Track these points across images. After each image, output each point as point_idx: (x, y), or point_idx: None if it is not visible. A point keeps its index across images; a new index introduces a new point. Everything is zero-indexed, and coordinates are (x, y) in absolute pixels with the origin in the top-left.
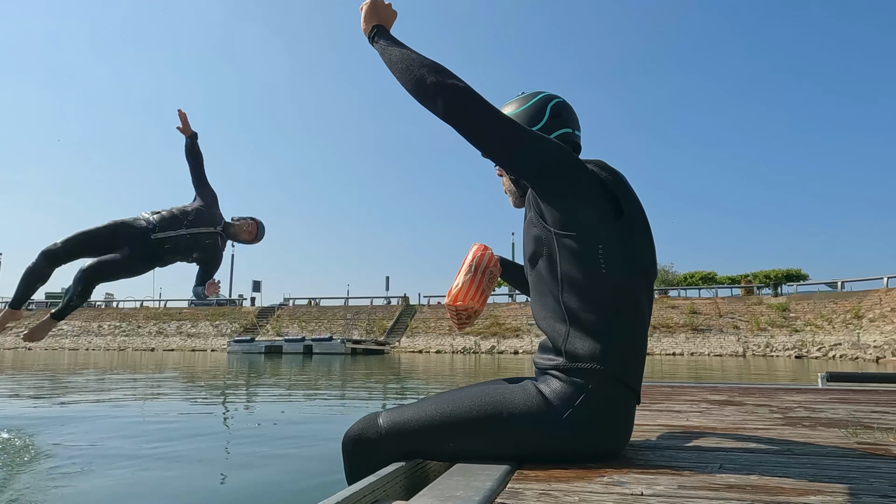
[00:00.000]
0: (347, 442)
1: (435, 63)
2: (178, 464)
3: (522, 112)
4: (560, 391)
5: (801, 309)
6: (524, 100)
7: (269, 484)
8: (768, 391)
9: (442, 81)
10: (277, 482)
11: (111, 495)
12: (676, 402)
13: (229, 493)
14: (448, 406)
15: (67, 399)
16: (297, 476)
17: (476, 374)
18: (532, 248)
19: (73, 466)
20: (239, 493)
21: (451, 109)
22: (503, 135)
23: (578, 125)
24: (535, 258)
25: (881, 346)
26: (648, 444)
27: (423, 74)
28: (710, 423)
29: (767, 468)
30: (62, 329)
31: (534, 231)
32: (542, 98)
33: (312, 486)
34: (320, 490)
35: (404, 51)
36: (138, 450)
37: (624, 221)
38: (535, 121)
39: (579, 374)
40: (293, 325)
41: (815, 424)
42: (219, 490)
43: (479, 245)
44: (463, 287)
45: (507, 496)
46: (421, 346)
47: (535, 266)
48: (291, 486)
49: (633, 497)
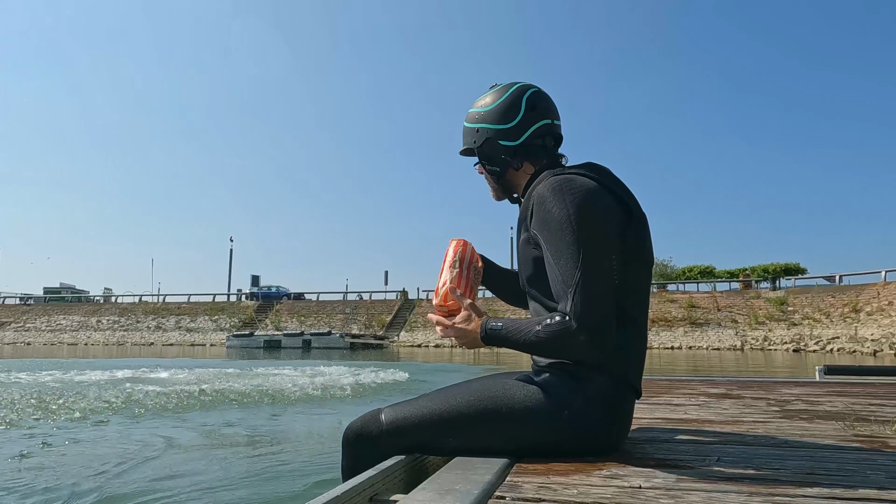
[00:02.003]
0: (349, 436)
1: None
2: (177, 462)
3: (497, 106)
4: (559, 386)
5: (799, 303)
6: (498, 93)
7: (269, 478)
8: (766, 384)
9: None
10: (277, 477)
11: (111, 494)
12: (675, 396)
13: (228, 490)
14: (448, 401)
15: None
16: (295, 471)
17: (475, 369)
18: (531, 269)
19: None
20: (239, 486)
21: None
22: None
23: (557, 114)
24: (535, 280)
25: (878, 339)
26: (647, 438)
27: (555, 349)
28: (708, 416)
29: (765, 461)
30: (60, 324)
31: (533, 253)
32: (517, 89)
33: (311, 483)
34: (319, 486)
35: (517, 340)
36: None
37: (632, 225)
38: (511, 115)
39: (579, 370)
40: (292, 320)
41: (813, 417)
42: (218, 487)
43: (458, 240)
44: (451, 284)
45: (506, 490)
46: (420, 341)
47: (534, 285)
48: (290, 484)
49: (632, 490)
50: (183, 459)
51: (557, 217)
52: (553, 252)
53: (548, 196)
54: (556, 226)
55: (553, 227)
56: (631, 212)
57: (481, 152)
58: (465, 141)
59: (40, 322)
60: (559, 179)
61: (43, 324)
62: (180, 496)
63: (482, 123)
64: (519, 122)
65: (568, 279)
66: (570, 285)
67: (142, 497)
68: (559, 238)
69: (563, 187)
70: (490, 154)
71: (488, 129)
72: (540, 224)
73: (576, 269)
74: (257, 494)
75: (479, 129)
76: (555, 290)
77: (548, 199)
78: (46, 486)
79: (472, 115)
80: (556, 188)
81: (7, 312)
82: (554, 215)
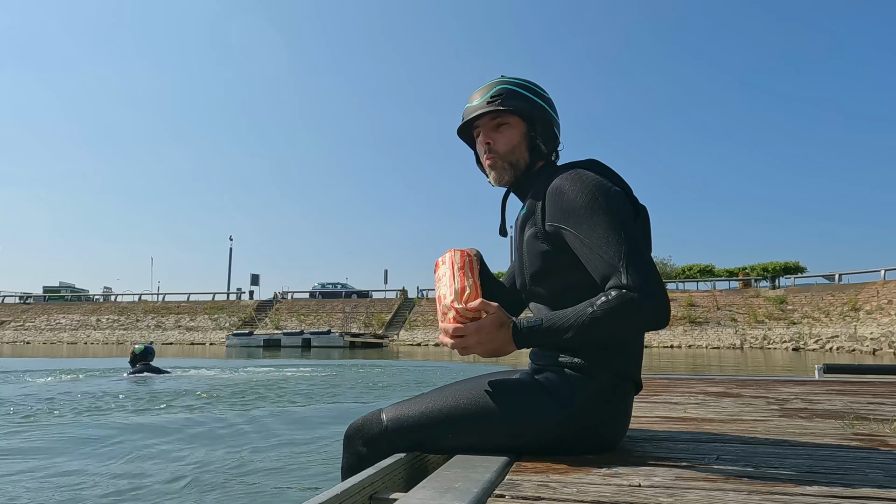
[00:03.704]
0: (350, 434)
1: (602, 315)
2: (175, 462)
3: (551, 98)
4: (559, 383)
5: (799, 301)
6: (535, 90)
7: (269, 477)
8: (765, 383)
9: (631, 319)
10: (276, 476)
11: (109, 492)
12: (674, 394)
13: (228, 489)
14: (449, 400)
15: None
16: (295, 469)
17: (474, 368)
18: (538, 265)
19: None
20: (238, 485)
21: (659, 319)
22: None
23: None
24: (541, 276)
25: (878, 338)
26: (646, 436)
27: (618, 327)
28: (708, 414)
29: (764, 459)
30: (60, 323)
31: (541, 247)
32: (549, 96)
33: (310, 482)
34: (318, 485)
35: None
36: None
37: (639, 217)
38: (557, 112)
39: (579, 367)
40: (291, 319)
41: (812, 416)
42: (217, 486)
43: (460, 250)
44: (471, 293)
45: (506, 488)
46: (420, 339)
47: (539, 282)
48: (288, 481)
49: (631, 488)
50: (181, 458)
51: (584, 202)
52: (589, 235)
53: (566, 186)
54: (585, 210)
55: (582, 213)
56: (636, 205)
57: (535, 126)
58: (516, 104)
59: (40, 321)
60: (572, 172)
61: (42, 323)
62: (179, 496)
63: (543, 102)
64: (556, 124)
65: (615, 255)
66: (619, 259)
67: (142, 497)
68: (592, 220)
69: (581, 177)
70: (544, 133)
71: (550, 112)
72: (563, 214)
73: (620, 243)
74: (257, 493)
75: (542, 106)
76: (600, 271)
77: (567, 190)
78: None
79: (529, 87)
80: (573, 179)
81: (6, 311)
82: (579, 202)
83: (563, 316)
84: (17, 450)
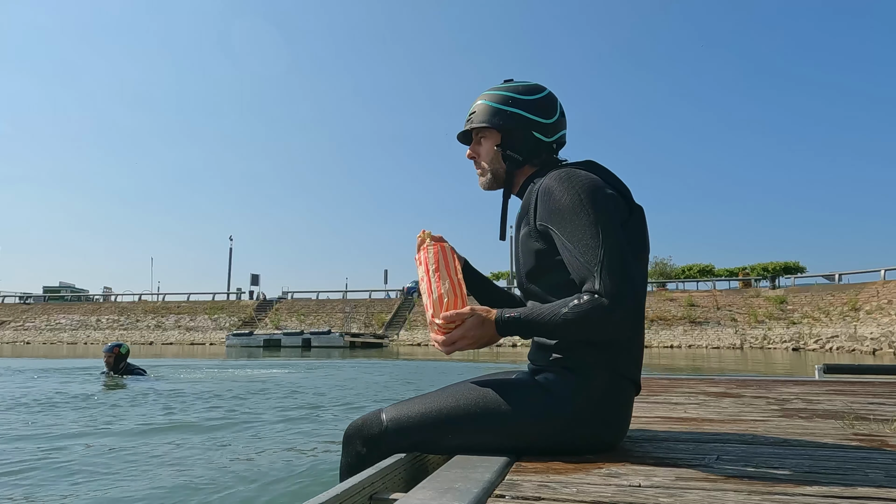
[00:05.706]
0: (350, 434)
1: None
2: (174, 462)
3: (538, 100)
4: (560, 384)
5: (799, 301)
6: (533, 88)
7: (268, 477)
8: (765, 383)
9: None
10: (276, 476)
11: (109, 490)
12: (674, 395)
13: (227, 489)
14: (449, 400)
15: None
16: (294, 469)
17: (474, 367)
18: (532, 263)
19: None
20: (238, 485)
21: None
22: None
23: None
24: (535, 274)
25: (878, 337)
26: (646, 436)
27: (586, 329)
28: (708, 415)
29: (764, 459)
30: (60, 323)
31: (535, 246)
32: (550, 92)
33: (309, 482)
34: (318, 485)
35: (539, 324)
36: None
37: (633, 217)
38: (550, 112)
39: (579, 367)
40: (292, 319)
41: (812, 416)
42: (217, 486)
43: (435, 242)
44: (449, 300)
45: (506, 488)
46: (420, 339)
47: (534, 280)
48: (288, 479)
49: (631, 488)
50: (180, 459)
51: (569, 203)
52: (570, 236)
53: (554, 186)
54: (569, 211)
55: (566, 213)
56: (631, 205)
57: (508, 137)
58: (485, 119)
59: (40, 321)
60: (563, 172)
61: (42, 323)
62: (179, 496)
63: (518, 109)
64: (554, 122)
65: (591, 259)
66: (595, 264)
67: (142, 498)
68: (574, 222)
69: (570, 177)
70: (519, 142)
71: (526, 117)
72: (549, 214)
73: (598, 247)
74: (256, 494)
75: (514, 114)
76: (577, 273)
77: (555, 189)
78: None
79: (503, 98)
80: (562, 178)
81: (6, 311)
82: (565, 202)
83: (539, 313)
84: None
